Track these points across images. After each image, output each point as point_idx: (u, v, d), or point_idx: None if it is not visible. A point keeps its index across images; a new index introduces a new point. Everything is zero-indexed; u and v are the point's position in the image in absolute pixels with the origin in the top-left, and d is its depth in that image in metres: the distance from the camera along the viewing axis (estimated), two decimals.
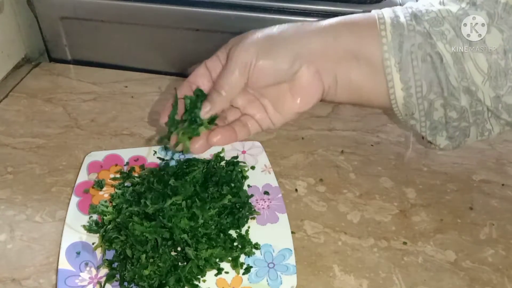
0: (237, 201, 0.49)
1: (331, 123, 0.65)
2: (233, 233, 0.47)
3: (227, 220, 0.48)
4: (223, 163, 0.55)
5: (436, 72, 0.36)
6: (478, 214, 0.52)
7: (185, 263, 0.44)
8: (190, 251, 0.44)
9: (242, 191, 0.51)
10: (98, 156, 0.55)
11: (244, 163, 0.55)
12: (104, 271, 0.44)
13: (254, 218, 0.49)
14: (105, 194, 0.51)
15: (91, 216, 0.49)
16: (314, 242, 0.49)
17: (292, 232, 0.48)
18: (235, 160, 0.55)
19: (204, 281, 0.43)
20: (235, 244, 0.47)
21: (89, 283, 0.43)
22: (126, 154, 0.56)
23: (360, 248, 0.48)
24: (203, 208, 0.47)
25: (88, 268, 0.44)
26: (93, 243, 0.46)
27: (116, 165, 0.55)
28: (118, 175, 0.53)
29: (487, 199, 0.54)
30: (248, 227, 0.48)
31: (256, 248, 0.46)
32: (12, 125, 0.62)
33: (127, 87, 0.70)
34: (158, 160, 0.56)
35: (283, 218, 0.49)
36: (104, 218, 0.48)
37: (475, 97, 0.37)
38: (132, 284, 0.42)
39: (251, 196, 0.51)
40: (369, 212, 0.52)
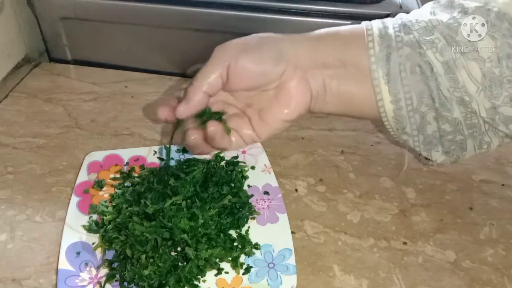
0: (237, 201, 0.49)
1: (331, 123, 0.65)
2: (233, 233, 0.47)
3: (227, 220, 0.48)
4: (223, 163, 0.55)
5: (426, 82, 0.35)
6: (478, 214, 0.52)
7: (185, 263, 0.44)
8: (190, 251, 0.44)
9: (242, 191, 0.51)
10: (98, 156, 0.55)
11: (244, 163, 0.55)
12: (104, 271, 0.44)
13: (254, 218, 0.49)
14: (105, 194, 0.51)
15: (91, 216, 0.49)
16: (314, 242, 0.49)
17: (292, 232, 0.48)
18: (235, 160, 0.55)
19: (204, 281, 0.43)
20: (235, 244, 0.47)
21: (89, 283, 0.43)
22: (126, 154, 0.56)
23: (360, 248, 0.48)
24: (203, 208, 0.47)
25: (88, 268, 0.44)
26: (93, 243, 0.46)
27: (116, 165, 0.55)
28: (118, 175, 0.53)
29: (487, 199, 0.54)
30: (248, 227, 0.48)
31: (256, 248, 0.46)
32: (12, 125, 0.62)
33: (127, 87, 0.70)
34: (158, 160, 0.56)
35: (283, 218, 0.49)
36: (104, 218, 0.48)
37: (470, 108, 0.36)
38: (132, 284, 0.42)
39: (251, 196, 0.51)
40: (369, 212, 0.52)
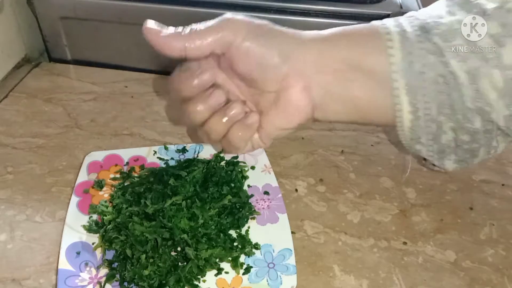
0: (237, 201, 0.49)
1: (331, 123, 0.65)
2: (233, 233, 0.47)
3: (227, 220, 0.48)
4: (223, 163, 0.55)
5: (448, 93, 0.33)
6: (478, 214, 0.52)
7: (185, 263, 0.44)
8: (190, 251, 0.44)
9: (242, 191, 0.51)
10: (98, 156, 0.55)
11: (244, 163, 0.55)
12: (104, 271, 0.44)
13: (254, 218, 0.49)
14: (105, 194, 0.51)
15: (91, 216, 0.49)
16: (314, 242, 0.49)
17: (292, 232, 0.48)
18: (235, 160, 0.55)
19: (204, 281, 0.43)
20: (235, 244, 0.47)
21: (89, 283, 0.43)
22: (126, 154, 0.56)
23: (360, 248, 0.48)
24: (203, 208, 0.47)
25: (88, 268, 0.44)
26: (93, 243, 0.46)
27: (116, 165, 0.55)
28: (118, 175, 0.53)
29: (487, 199, 0.54)
30: (248, 227, 0.48)
31: (256, 248, 0.46)
32: (12, 125, 0.62)
33: (127, 87, 0.70)
34: (158, 160, 0.56)
35: (283, 218, 0.49)
36: (104, 218, 0.48)
37: (487, 117, 0.33)
38: (132, 284, 0.42)
39: (251, 196, 0.51)
40: (369, 212, 0.52)
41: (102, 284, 0.42)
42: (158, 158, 0.56)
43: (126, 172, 0.54)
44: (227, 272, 0.44)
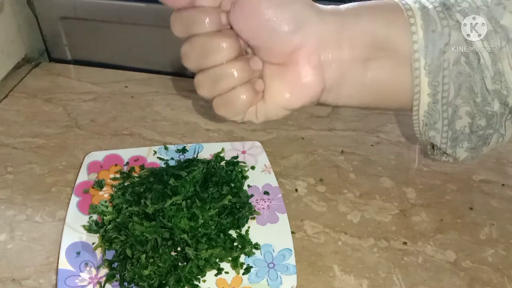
0: (237, 201, 0.49)
1: (331, 123, 0.65)
2: (233, 233, 0.47)
3: (227, 220, 0.48)
4: (223, 163, 0.55)
5: (470, 75, 0.32)
6: (478, 214, 0.52)
7: (185, 263, 0.44)
8: (190, 251, 0.44)
9: (242, 191, 0.51)
10: (98, 156, 0.55)
11: (244, 163, 0.55)
12: (104, 271, 0.44)
13: (254, 218, 0.49)
14: (105, 194, 0.51)
15: (91, 216, 0.49)
16: (314, 242, 0.49)
17: (292, 232, 0.48)
18: (235, 160, 0.55)
19: (204, 281, 0.43)
20: (235, 244, 0.47)
21: (89, 283, 0.43)
22: (126, 154, 0.56)
23: (360, 248, 0.48)
24: (203, 208, 0.47)
25: (88, 268, 0.44)
26: (93, 243, 0.46)
27: (116, 165, 0.55)
28: (118, 175, 0.53)
29: (487, 199, 0.54)
30: (248, 227, 0.48)
31: (256, 248, 0.46)
32: (12, 125, 0.62)
33: (127, 87, 0.70)
34: (158, 160, 0.56)
35: (283, 218, 0.49)
36: (104, 218, 0.48)
37: (504, 101, 0.33)
38: (132, 284, 0.42)
39: (251, 196, 0.51)
40: (369, 212, 0.52)
41: (102, 284, 0.42)
42: (158, 158, 0.56)
43: (126, 172, 0.54)
44: (227, 272, 0.44)
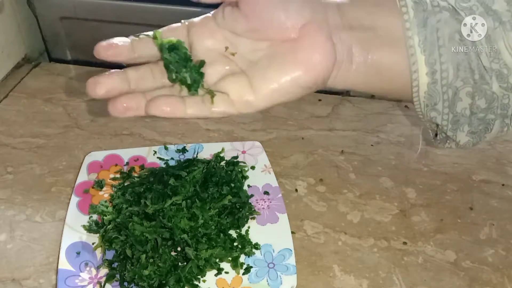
0: (237, 201, 0.49)
1: (331, 123, 0.65)
2: (233, 233, 0.47)
3: (227, 220, 0.48)
4: (223, 163, 0.55)
5: (465, 51, 0.32)
6: (478, 214, 0.52)
7: (185, 263, 0.44)
8: (190, 251, 0.44)
9: (242, 191, 0.51)
10: (98, 156, 0.55)
11: (244, 163, 0.55)
12: (104, 271, 0.44)
13: (254, 218, 0.49)
14: (105, 194, 0.51)
15: (91, 216, 0.49)
16: (314, 242, 0.49)
17: (292, 232, 0.48)
18: (235, 160, 0.55)
19: (204, 281, 0.43)
20: (235, 244, 0.47)
21: (89, 283, 0.43)
22: (126, 154, 0.56)
23: (360, 248, 0.48)
24: (203, 208, 0.47)
25: (88, 268, 0.44)
26: (93, 243, 0.46)
27: (116, 165, 0.55)
28: (118, 175, 0.53)
29: (487, 199, 0.54)
30: (248, 227, 0.48)
31: (256, 248, 0.46)
32: (12, 125, 0.62)
33: None
34: (158, 160, 0.56)
35: (283, 218, 0.49)
36: (104, 218, 0.48)
37: (506, 83, 0.33)
38: (132, 284, 0.42)
39: (251, 196, 0.51)
40: (369, 212, 0.52)
41: (102, 284, 0.42)
42: (158, 158, 0.56)
43: (126, 172, 0.54)
44: (227, 272, 0.44)
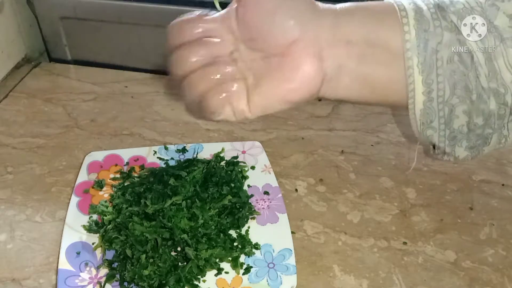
0: (237, 201, 0.49)
1: (331, 123, 0.65)
2: (233, 233, 0.47)
3: (227, 220, 0.48)
4: (223, 163, 0.55)
5: (464, 73, 0.33)
6: (478, 214, 0.52)
7: (185, 263, 0.44)
8: (190, 251, 0.44)
9: (242, 191, 0.51)
10: (98, 156, 0.55)
11: (244, 163, 0.55)
12: (104, 271, 0.44)
13: (254, 218, 0.49)
14: (105, 194, 0.51)
15: (91, 216, 0.49)
16: (314, 242, 0.49)
17: (292, 232, 0.48)
18: (235, 160, 0.55)
19: (204, 281, 0.43)
20: (235, 244, 0.47)
21: (89, 283, 0.43)
22: (126, 154, 0.56)
23: (360, 248, 0.48)
24: (203, 208, 0.47)
25: (88, 268, 0.44)
26: (93, 243, 0.46)
27: (116, 165, 0.55)
28: (118, 175, 0.53)
29: (487, 199, 0.54)
30: (248, 227, 0.48)
31: (256, 248, 0.46)
32: (12, 125, 0.62)
33: (127, 87, 0.70)
34: (158, 160, 0.56)
35: (283, 218, 0.49)
36: (104, 218, 0.48)
37: (502, 100, 0.33)
38: (132, 284, 0.42)
39: (251, 196, 0.51)
40: (369, 212, 0.52)
41: (102, 284, 0.42)
42: (158, 158, 0.56)
43: (126, 172, 0.54)
44: (227, 272, 0.44)
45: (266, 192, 0.52)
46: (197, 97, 0.35)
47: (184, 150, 0.57)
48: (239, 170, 0.54)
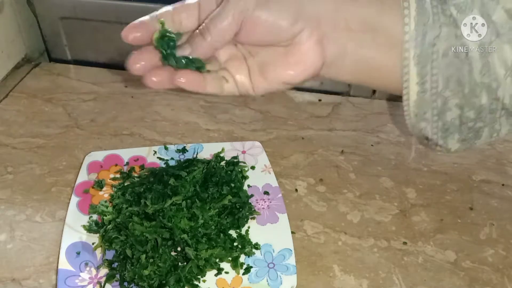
0: (237, 201, 0.49)
1: (331, 123, 0.65)
2: (233, 233, 0.47)
3: (227, 220, 0.48)
4: (223, 163, 0.55)
5: (457, 67, 0.33)
6: (478, 214, 0.52)
7: (185, 263, 0.44)
8: (190, 251, 0.44)
9: (242, 191, 0.51)
10: (98, 156, 0.55)
11: (244, 163, 0.55)
12: (104, 271, 0.44)
13: (254, 218, 0.49)
14: (105, 194, 0.51)
15: (91, 216, 0.49)
16: (314, 242, 0.49)
17: (292, 232, 0.48)
18: (235, 160, 0.55)
19: (204, 281, 0.43)
20: (235, 244, 0.47)
21: (89, 283, 0.43)
22: (126, 154, 0.56)
23: (360, 248, 0.48)
24: (203, 208, 0.47)
25: (88, 268, 0.44)
26: (93, 243, 0.46)
27: (116, 165, 0.55)
28: (118, 175, 0.53)
29: (487, 199, 0.54)
30: (248, 227, 0.48)
31: (256, 248, 0.46)
32: (12, 125, 0.62)
33: (127, 87, 0.70)
34: (158, 160, 0.56)
35: (283, 218, 0.49)
36: (104, 218, 0.48)
37: (494, 95, 0.34)
38: (132, 284, 0.42)
39: (251, 196, 0.51)
40: (369, 212, 0.52)
41: (102, 284, 0.42)
42: (158, 158, 0.56)
43: (126, 172, 0.54)
44: (227, 272, 0.44)
45: (266, 192, 0.52)
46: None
47: (184, 150, 0.57)
48: (239, 170, 0.54)
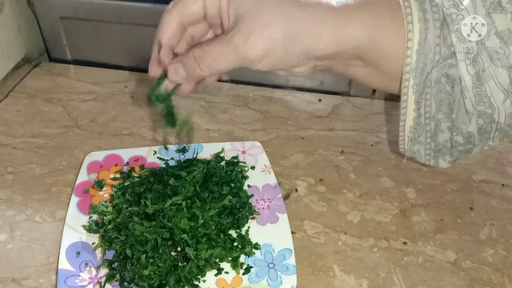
0: (237, 201, 0.49)
1: (331, 123, 0.65)
2: (233, 233, 0.47)
3: (227, 220, 0.48)
4: (223, 163, 0.55)
5: (450, 93, 0.34)
6: (478, 214, 0.52)
7: (185, 263, 0.44)
8: (190, 251, 0.44)
9: (242, 191, 0.51)
10: (98, 156, 0.55)
11: (244, 163, 0.55)
12: (104, 271, 0.44)
13: (254, 218, 0.49)
14: (105, 194, 0.51)
15: (91, 216, 0.49)
16: (314, 242, 0.49)
17: (292, 232, 0.48)
18: (235, 160, 0.55)
19: (204, 281, 0.43)
20: (235, 244, 0.47)
21: (89, 283, 0.43)
22: (126, 154, 0.56)
23: (360, 248, 0.48)
24: (203, 208, 0.47)
25: (88, 268, 0.44)
26: (93, 243, 0.46)
27: (116, 165, 0.55)
28: (118, 175, 0.53)
29: (487, 199, 0.54)
30: (248, 227, 0.48)
31: (256, 248, 0.46)
32: (12, 125, 0.62)
33: (127, 87, 0.70)
34: (158, 160, 0.56)
35: (283, 218, 0.49)
36: (104, 218, 0.48)
37: (490, 119, 0.34)
38: (132, 284, 0.42)
39: (251, 196, 0.51)
40: (369, 212, 0.52)
41: (102, 284, 0.43)
42: (158, 158, 0.56)
43: (126, 172, 0.54)
44: (227, 272, 0.44)
45: (266, 192, 0.52)
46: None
47: (184, 150, 0.57)
48: (239, 170, 0.54)
